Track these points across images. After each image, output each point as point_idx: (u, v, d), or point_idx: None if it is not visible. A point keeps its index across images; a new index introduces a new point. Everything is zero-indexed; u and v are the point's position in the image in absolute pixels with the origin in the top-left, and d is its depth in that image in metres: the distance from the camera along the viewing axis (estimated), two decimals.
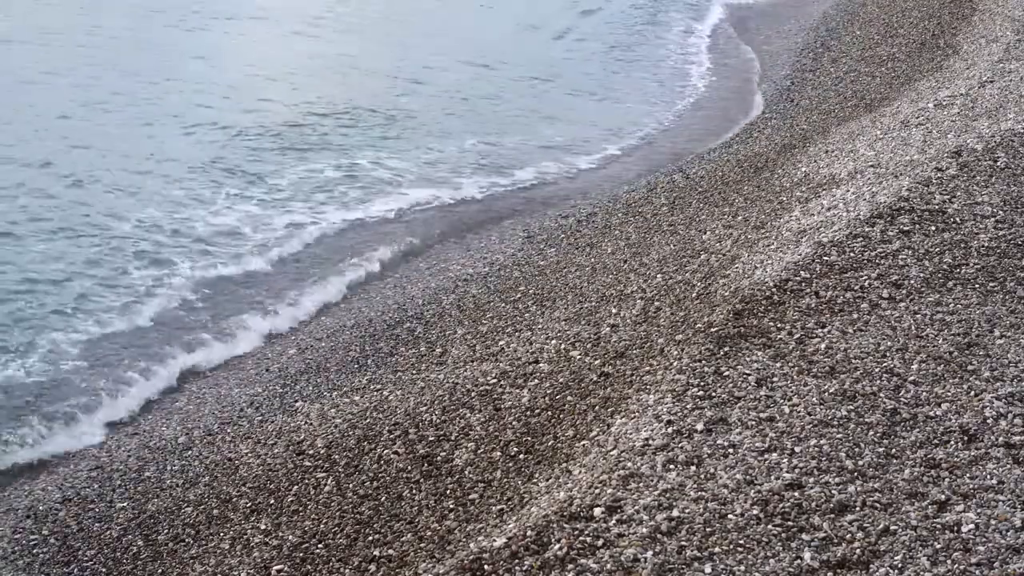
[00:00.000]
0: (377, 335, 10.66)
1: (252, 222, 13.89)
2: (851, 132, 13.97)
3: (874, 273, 8.18)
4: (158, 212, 13.82)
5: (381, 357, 10.12)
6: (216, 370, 10.70)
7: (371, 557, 6.80)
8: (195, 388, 10.34)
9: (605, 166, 16.84)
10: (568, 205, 14.62)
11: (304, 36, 23.28)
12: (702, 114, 19.55)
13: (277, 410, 9.36)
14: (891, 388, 6.66)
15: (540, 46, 23.83)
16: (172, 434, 9.25)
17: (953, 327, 7.40)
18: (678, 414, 6.47)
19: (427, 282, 12.08)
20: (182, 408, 9.89)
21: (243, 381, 10.24)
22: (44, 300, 11.46)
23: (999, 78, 14.19)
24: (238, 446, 8.79)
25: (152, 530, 7.90)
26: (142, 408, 10.00)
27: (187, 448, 8.93)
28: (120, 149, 15.87)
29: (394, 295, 11.85)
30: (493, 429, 7.75)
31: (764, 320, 7.59)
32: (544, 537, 5.51)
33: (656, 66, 22.68)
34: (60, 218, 13.43)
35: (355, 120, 17.98)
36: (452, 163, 16.38)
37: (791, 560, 5.22)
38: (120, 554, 7.73)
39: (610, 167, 16.77)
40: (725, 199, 12.48)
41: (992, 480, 5.78)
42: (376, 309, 11.45)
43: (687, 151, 17.08)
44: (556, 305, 10.25)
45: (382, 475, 7.67)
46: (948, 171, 10.17)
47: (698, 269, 9.67)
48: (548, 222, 13.77)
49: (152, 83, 19.00)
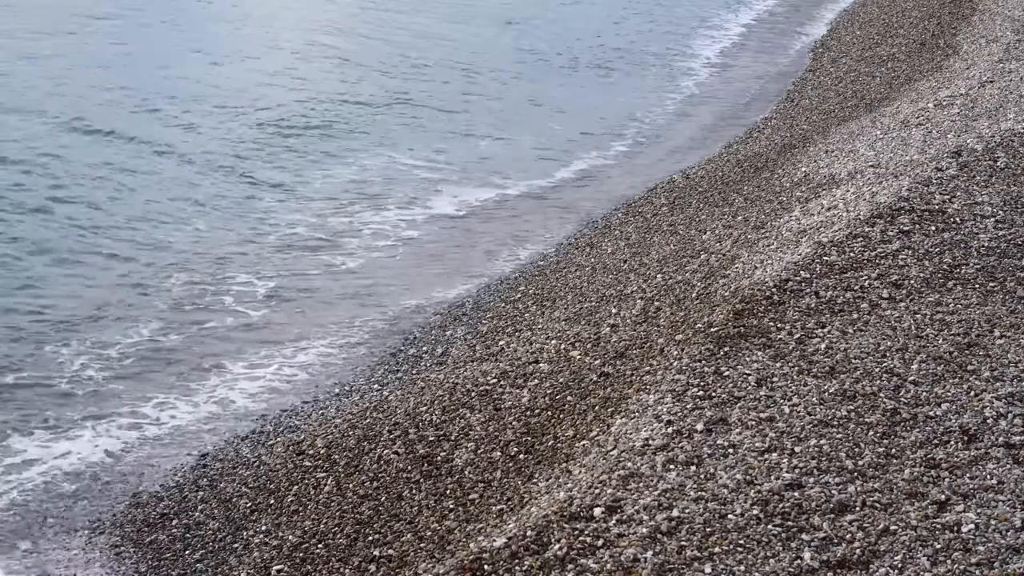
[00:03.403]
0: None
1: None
2: (851, 132, 13.97)
3: (874, 273, 8.18)
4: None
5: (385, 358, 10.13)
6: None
7: (371, 557, 6.80)
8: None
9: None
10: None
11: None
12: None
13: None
14: (891, 388, 6.66)
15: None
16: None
17: (953, 327, 7.40)
18: (678, 414, 6.47)
19: (428, 281, 12.10)
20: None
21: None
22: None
23: (999, 78, 14.19)
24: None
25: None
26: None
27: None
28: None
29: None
30: (493, 429, 7.75)
31: (764, 320, 7.59)
32: (544, 537, 5.51)
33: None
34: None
35: (359, 116, 17.99)
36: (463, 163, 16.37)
37: (791, 560, 5.22)
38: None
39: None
40: (725, 199, 12.48)
41: (992, 480, 5.78)
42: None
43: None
44: (556, 305, 10.25)
45: (382, 475, 7.67)
46: (948, 171, 10.17)
47: (698, 269, 9.67)
48: (548, 222, 13.79)
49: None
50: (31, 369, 10.01)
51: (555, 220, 13.89)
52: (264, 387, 9.93)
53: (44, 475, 8.60)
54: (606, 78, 21.60)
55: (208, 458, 8.67)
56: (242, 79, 19.67)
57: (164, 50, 20.97)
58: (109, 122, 16.60)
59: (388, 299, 11.73)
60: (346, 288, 12.07)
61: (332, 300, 11.81)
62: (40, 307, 11.09)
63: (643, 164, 16.68)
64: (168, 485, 8.37)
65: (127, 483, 8.54)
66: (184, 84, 18.99)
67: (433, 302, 11.37)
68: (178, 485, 8.34)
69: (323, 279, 12.27)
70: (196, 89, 18.69)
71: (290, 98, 18.57)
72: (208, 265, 12.39)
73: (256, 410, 9.48)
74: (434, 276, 12.34)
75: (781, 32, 25.62)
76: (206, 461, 8.63)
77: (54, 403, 9.58)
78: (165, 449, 8.99)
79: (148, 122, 16.94)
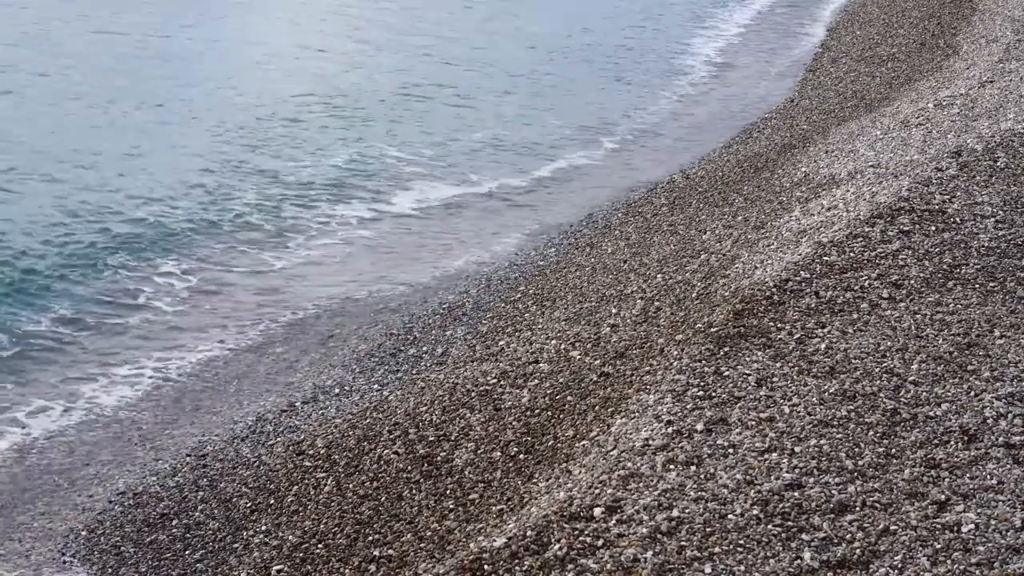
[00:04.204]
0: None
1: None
2: (851, 132, 13.97)
3: (874, 273, 8.18)
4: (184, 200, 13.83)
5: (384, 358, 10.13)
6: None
7: (371, 557, 6.81)
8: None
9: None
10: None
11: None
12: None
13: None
14: (891, 388, 6.66)
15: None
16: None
17: (953, 327, 7.40)
18: (678, 414, 6.47)
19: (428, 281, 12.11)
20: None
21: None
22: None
23: (999, 78, 14.20)
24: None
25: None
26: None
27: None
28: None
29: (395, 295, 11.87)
30: (493, 429, 7.75)
31: (764, 320, 7.59)
32: (544, 537, 5.51)
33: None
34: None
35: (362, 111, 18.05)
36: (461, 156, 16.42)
37: (791, 560, 5.22)
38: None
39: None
40: (725, 199, 12.48)
41: (992, 480, 5.78)
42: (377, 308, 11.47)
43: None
44: (556, 305, 10.25)
45: (382, 475, 7.67)
46: (948, 171, 10.18)
47: (698, 269, 9.67)
48: (548, 221, 13.79)
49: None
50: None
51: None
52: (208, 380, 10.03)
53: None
54: (604, 75, 21.60)
55: (208, 458, 8.66)
56: (243, 69, 19.78)
57: (163, 39, 21.16)
58: (109, 95, 16.81)
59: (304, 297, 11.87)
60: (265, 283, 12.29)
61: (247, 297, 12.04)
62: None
63: (639, 163, 16.70)
64: (168, 485, 8.37)
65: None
66: (184, 72, 19.10)
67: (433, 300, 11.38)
68: (178, 485, 8.34)
69: (244, 275, 12.49)
70: (193, 74, 18.86)
71: (283, 90, 18.69)
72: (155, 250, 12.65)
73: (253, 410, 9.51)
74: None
75: (781, 32, 25.62)
76: (206, 461, 8.63)
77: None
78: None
79: (131, 104, 17.12)
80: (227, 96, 18.21)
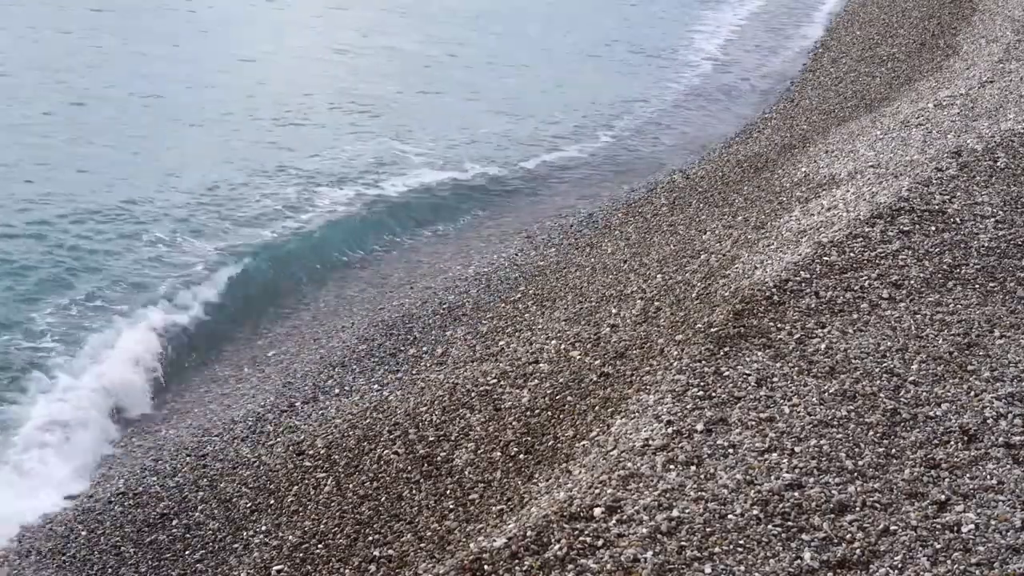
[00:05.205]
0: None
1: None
2: (851, 132, 13.97)
3: (874, 273, 8.18)
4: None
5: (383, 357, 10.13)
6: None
7: (371, 557, 6.81)
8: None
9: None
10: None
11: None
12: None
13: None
14: (891, 388, 6.66)
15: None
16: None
17: (953, 327, 7.40)
18: (678, 414, 6.47)
19: (427, 281, 12.11)
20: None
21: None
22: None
23: (999, 78, 14.19)
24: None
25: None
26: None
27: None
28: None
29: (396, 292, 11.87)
30: (493, 429, 7.75)
31: (764, 320, 7.59)
32: (544, 537, 5.51)
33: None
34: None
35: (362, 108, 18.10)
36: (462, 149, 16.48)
37: (791, 560, 5.22)
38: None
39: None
40: (725, 199, 12.48)
41: (992, 480, 5.78)
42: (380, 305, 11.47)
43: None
44: (556, 305, 10.25)
45: (382, 475, 7.67)
46: (948, 171, 10.17)
47: (698, 269, 9.67)
48: (548, 222, 13.78)
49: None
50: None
51: (553, 220, 13.90)
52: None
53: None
54: (602, 72, 21.61)
55: (208, 458, 8.66)
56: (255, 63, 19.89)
57: (174, 31, 21.26)
58: (106, 92, 16.87)
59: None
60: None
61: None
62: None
63: (635, 161, 16.71)
64: (168, 485, 8.37)
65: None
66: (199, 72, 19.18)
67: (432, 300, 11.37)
68: (178, 485, 8.34)
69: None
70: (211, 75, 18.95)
71: (296, 90, 18.76)
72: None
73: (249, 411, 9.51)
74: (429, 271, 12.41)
75: (781, 31, 25.63)
76: (206, 461, 8.63)
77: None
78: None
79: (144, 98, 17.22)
80: (242, 96, 18.31)
